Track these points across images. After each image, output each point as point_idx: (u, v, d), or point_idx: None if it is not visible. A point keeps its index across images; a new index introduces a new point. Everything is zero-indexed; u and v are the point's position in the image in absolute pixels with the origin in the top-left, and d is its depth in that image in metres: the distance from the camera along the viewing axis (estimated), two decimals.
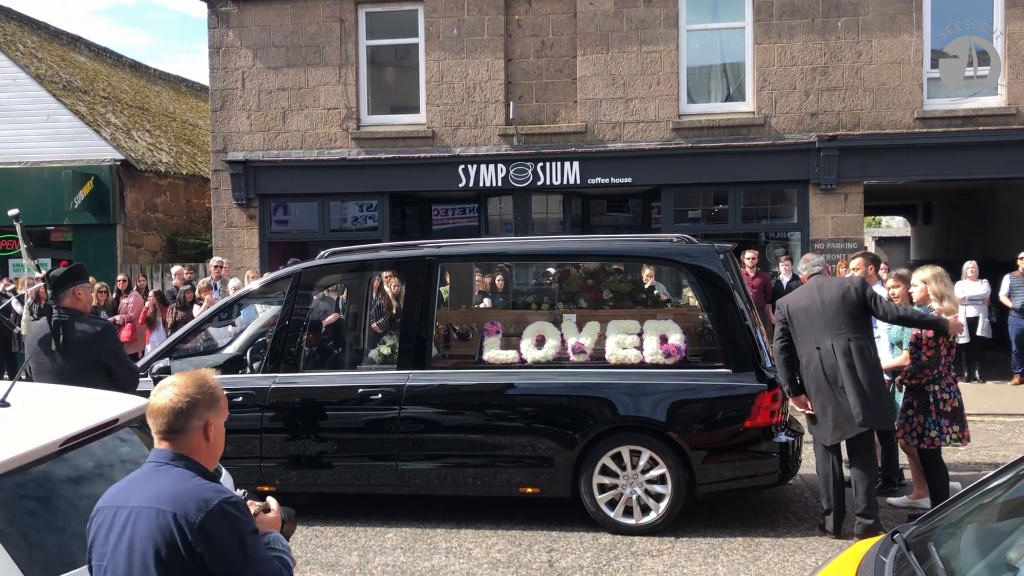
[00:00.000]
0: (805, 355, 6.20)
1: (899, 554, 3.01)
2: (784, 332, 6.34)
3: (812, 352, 6.15)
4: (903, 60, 13.21)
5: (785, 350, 6.34)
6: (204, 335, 8.73)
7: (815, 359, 6.13)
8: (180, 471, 2.45)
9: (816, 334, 6.15)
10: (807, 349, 6.19)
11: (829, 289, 6.25)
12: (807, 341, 6.19)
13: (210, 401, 2.54)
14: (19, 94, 16.38)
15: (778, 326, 6.36)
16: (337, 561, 6.01)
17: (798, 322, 6.27)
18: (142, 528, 2.35)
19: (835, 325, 6.11)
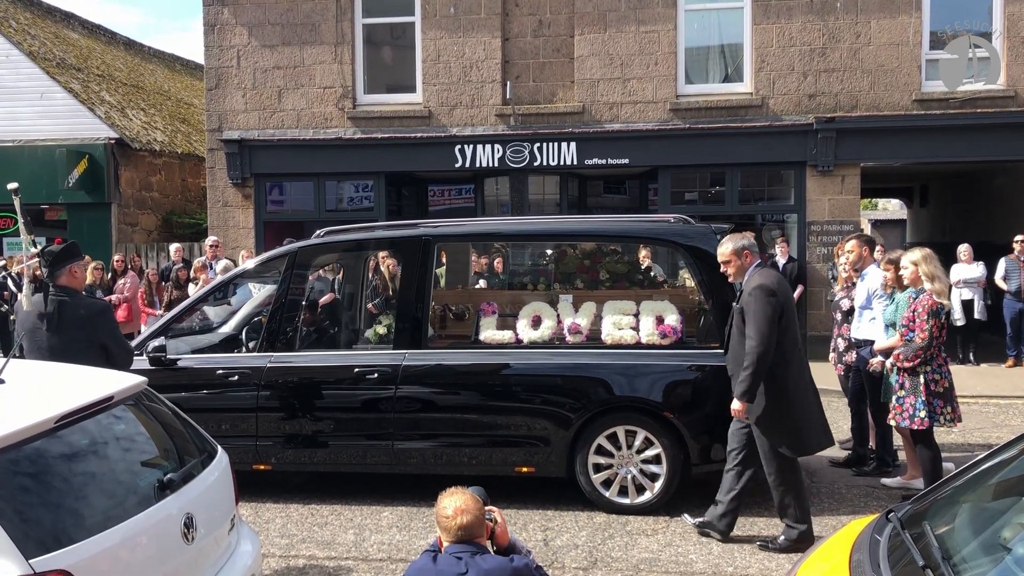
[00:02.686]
0: (788, 352, 5.53)
1: (894, 533, 3.02)
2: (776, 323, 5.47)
3: (795, 350, 5.61)
4: (902, 42, 13.16)
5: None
6: (199, 314, 8.71)
7: (797, 357, 5.64)
8: None
9: (795, 331, 5.70)
10: (790, 347, 5.56)
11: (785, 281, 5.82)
12: (791, 338, 5.57)
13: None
14: (12, 71, 16.27)
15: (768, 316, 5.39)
16: (333, 539, 6.03)
17: (789, 314, 5.56)
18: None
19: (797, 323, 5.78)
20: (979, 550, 2.79)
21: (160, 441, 3.81)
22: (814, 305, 13.49)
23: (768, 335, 5.37)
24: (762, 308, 5.39)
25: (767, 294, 5.42)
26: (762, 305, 5.39)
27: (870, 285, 7.34)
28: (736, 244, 5.67)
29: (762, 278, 5.52)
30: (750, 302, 5.42)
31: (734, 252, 5.65)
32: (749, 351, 5.38)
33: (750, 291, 5.45)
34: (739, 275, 5.70)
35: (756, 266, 5.66)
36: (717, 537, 5.80)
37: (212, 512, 3.71)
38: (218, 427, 6.49)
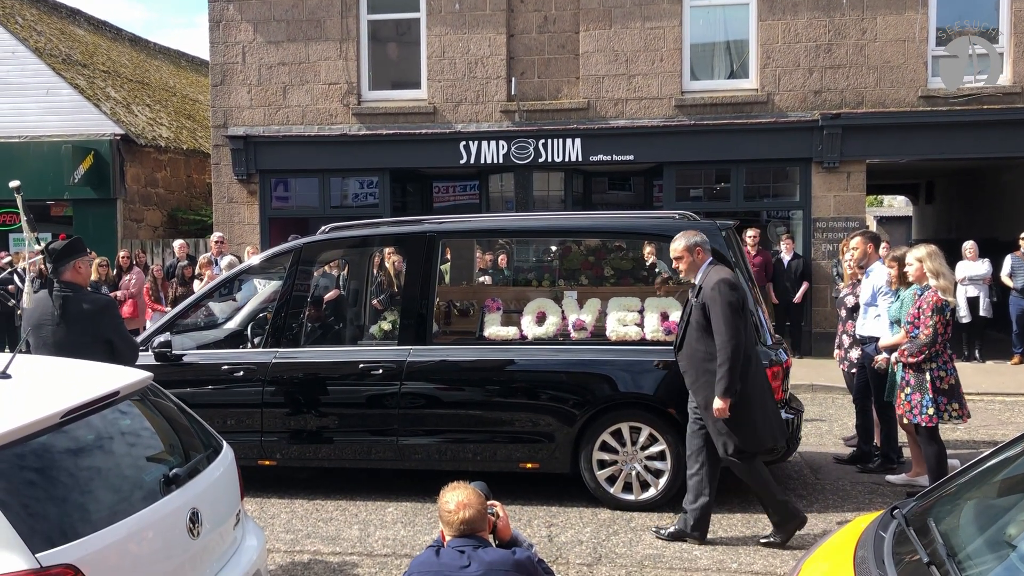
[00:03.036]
0: (747, 349, 5.51)
1: (898, 530, 3.02)
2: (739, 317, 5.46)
3: (753, 348, 5.64)
4: (908, 38, 13.12)
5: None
6: (205, 310, 8.72)
7: (756, 353, 5.66)
8: None
9: (752, 327, 5.73)
10: (750, 344, 5.58)
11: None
12: (749, 334, 5.60)
13: None
14: (18, 67, 16.29)
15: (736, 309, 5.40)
16: (338, 535, 6.04)
17: (747, 310, 5.62)
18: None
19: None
20: (984, 547, 2.78)
21: (165, 436, 3.81)
22: (819, 302, 13.47)
23: (738, 329, 5.37)
24: (729, 302, 5.37)
25: (731, 288, 5.41)
26: (728, 299, 5.38)
27: (875, 282, 7.32)
28: (689, 241, 5.64)
29: (721, 273, 5.52)
30: (715, 298, 5.39)
31: (686, 249, 5.63)
32: (722, 347, 5.34)
33: (713, 286, 5.42)
34: (690, 272, 5.67)
35: (710, 263, 5.63)
36: (695, 543, 5.75)
37: (217, 507, 3.71)
38: (223, 423, 6.50)
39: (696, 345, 5.54)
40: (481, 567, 3.27)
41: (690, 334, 5.60)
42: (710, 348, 5.46)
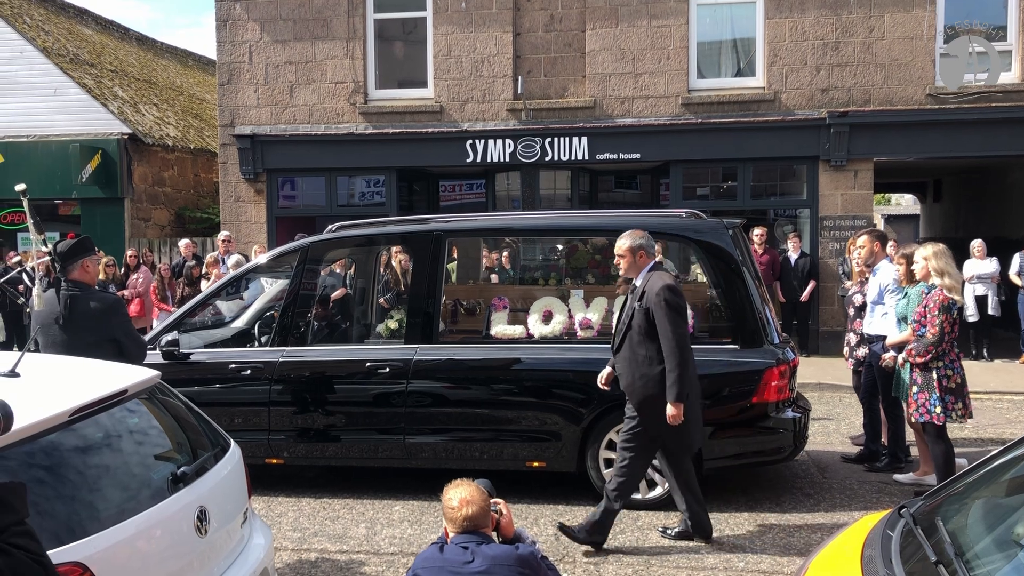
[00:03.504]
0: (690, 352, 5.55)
1: (906, 529, 3.01)
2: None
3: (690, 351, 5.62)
4: (915, 35, 13.08)
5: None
6: (212, 309, 8.74)
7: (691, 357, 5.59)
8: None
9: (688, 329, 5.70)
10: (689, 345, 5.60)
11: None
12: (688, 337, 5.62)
13: None
14: (26, 67, 16.35)
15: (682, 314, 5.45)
16: (345, 533, 6.05)
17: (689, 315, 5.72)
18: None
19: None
20: (992, 546, 2.78)
21: (173, 435, 3.82)
22: (826, 300, 13.44)
23: (684, 333, 5.39)
24: (674, 307, 5.37)
25: (674, 293, 5.40)
26: (673, 304, 5.37)
27: (881, 280, 7.31)
28: (634, 242, 5.62)
29: (665, 279, 5.48)
30: (660, 304, 5.36)
31: (629, 249, 5.61)
32: (671, 352, 5.34)
33: (658, 292, 5.39)
34: (630, 272, 5.65)
35: (653, 267, 5.60)
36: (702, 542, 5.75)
37: (225, 505, 3.73)
38: (231, 421, 6.52)
39: (636, 348, 5.51)
40: (485, 562, 3.28)
41: (630, 337, 5.55)
42: (649, 352, 5.43)
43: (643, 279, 5.56)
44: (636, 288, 5.58)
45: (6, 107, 16.12)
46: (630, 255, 5.61)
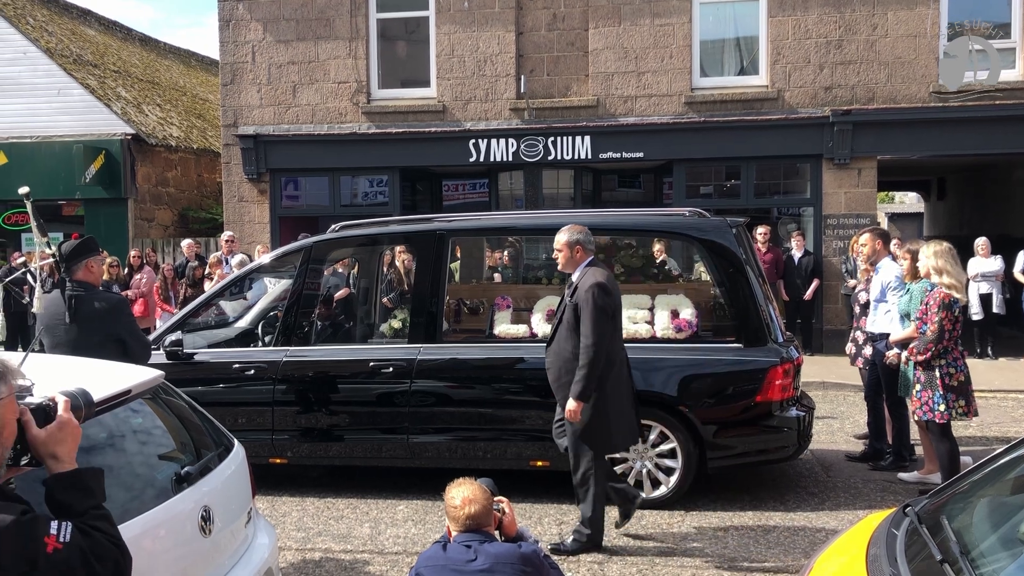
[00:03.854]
0: (613, 353, 5.47)
1: (911, 527, 3.00)
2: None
3: (619, 351, 5.58)
4: (919, 33, 13.05)
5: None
6: (216, 308, 8.75)
7: (621, 358, 5.59)
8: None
9: (621, 331, 5.71)
10: (616, 347, 5.53)
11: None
12: (618, 338, 5.58)
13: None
14: (30, 68, 16.37)
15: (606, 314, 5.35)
16: (349, 533, 6.05)
17: (619, 314, 5.58)
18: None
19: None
20: (998, 544, 2.77)
21: (177, 435, 3.83)
22: (830, 299, 13.42)
23: (604, 334, 5.31)
24: (600, 306, 5.31)
25: (604, 292, 5.33)
26: (600, 303, 5.31)
27: (884, 278, 7.30)
28: (571, 236, 5.57)
29: (597, 276, 5.43)
30: (587, 300, 5.33)
31: (567, 244, 5.56)
32: (585, 349, 5.30)
33: (587, 288, 5.36)
34: (567, 267, 5.60)
35: (589, 263, 5.56)
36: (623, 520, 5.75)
37: (229, 505, 3.73)
38: (234, 421, 6.50)
39: (564, 344, 5.48)
40: (487, 560, 3.29)
41: (560, 332, 5.53)
42: (576, 348, 5.39)
43: (578, 274, 5.53)
44: (571, 283, 5.56)
45: (10, 108, 16.14)
46: (567, 250, 5.56)
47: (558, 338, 5.55)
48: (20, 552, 1.82)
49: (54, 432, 2.04)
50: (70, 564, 1.88)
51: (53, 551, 1.85)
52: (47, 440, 2.03)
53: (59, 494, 2.02)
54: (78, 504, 2.01)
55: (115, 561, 1.99)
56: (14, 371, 1.98)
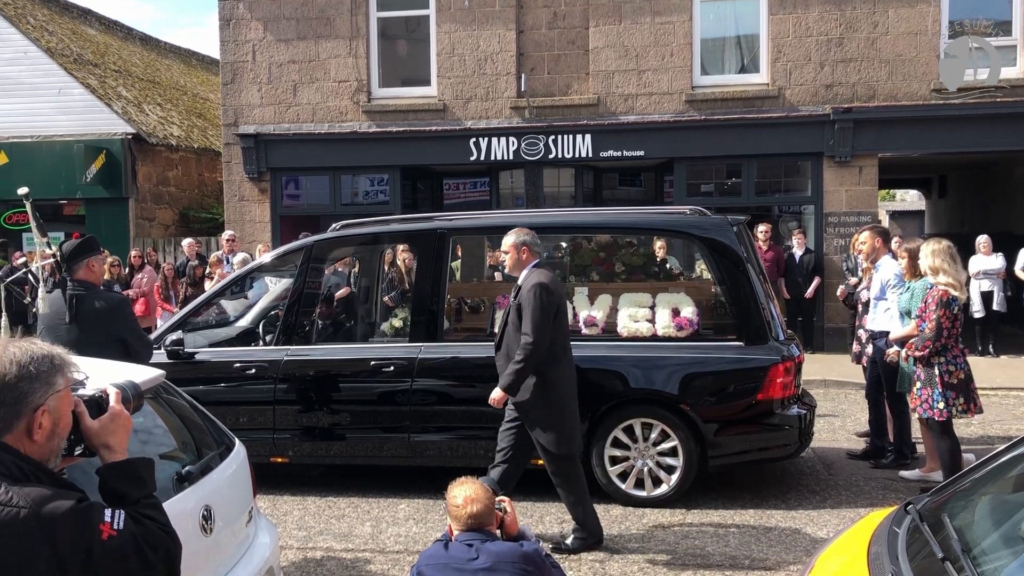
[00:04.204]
0: (558, 352, 5.51)
1: (912, 525, 3.00)
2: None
3: (564, 352, 5.60)
4: (920, 31, 13.03)
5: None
6: (216, 308, 8.75)
7: (568, 358, 5.62)
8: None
9: (567, 332, 5.71)
10: (561, 347, 5.56)
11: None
12: (562, 338, 5.59)
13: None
14: (30, 68, 16.36)
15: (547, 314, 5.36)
16: (350, 532, 6.05)
17: (562, 315, 5.57)
18: None
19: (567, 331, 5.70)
20: (999, 542, 2.77)
21: (178, 434, 3.83)
22: (831, 297, 13.38)
23: (544, 332, 5.33)
24: (540, 306, 5.33)
25: (546, 292, 5.36)
26: (540, 303, 5.33)
27: (883, 276, 7.30)
28: (517, 238, 5.61)
29: (541, 277, 5.46)
30: (529, 299, 5.36)
31: (513, 245, 5.60)
32: (523, 346, 5.33)
33: (529, 288, 5.39)
34: (514, 269, 5.64)
35: (534, 265, 5.59)
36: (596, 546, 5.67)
37: (230, 504, 3.73)
38: (236, 420, 6.51)
39: (511, 344, 5.50)
40: (489, 559, 3.29)
41: (508, 334, 5.56)
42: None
43: (524, 275, 5.56)
44: (517, 285, 5.59)
45: (10, 108, 16.14)
46: (514, 251, 5.60)
47: (506, 340, 5.58)
48: (77, 538, 1.86)
49: (107, 423, 2.10)
50: (124, 551, 1.92)
51: (108, 538, 1.90)
52: (100, 431, 2.09)
53: (112, 483, 2.08)
54: (131, 493, 2.07)
55: (166, 548, 2.04)
56: (69, 364, 2.05)
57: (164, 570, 2.03)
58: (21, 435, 1.94)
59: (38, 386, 1.95)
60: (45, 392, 1.96)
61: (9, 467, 1.89)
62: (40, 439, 1.96)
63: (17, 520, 1.80)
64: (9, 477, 1.87)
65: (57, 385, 1.98)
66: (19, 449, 1.93)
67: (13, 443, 1.93)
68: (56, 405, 1.98)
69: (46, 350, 2.01)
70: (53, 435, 1.99)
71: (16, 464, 1.91)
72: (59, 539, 1.83)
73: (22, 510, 1.81)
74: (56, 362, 2.00)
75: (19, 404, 1.93)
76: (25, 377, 1.93)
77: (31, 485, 1.88)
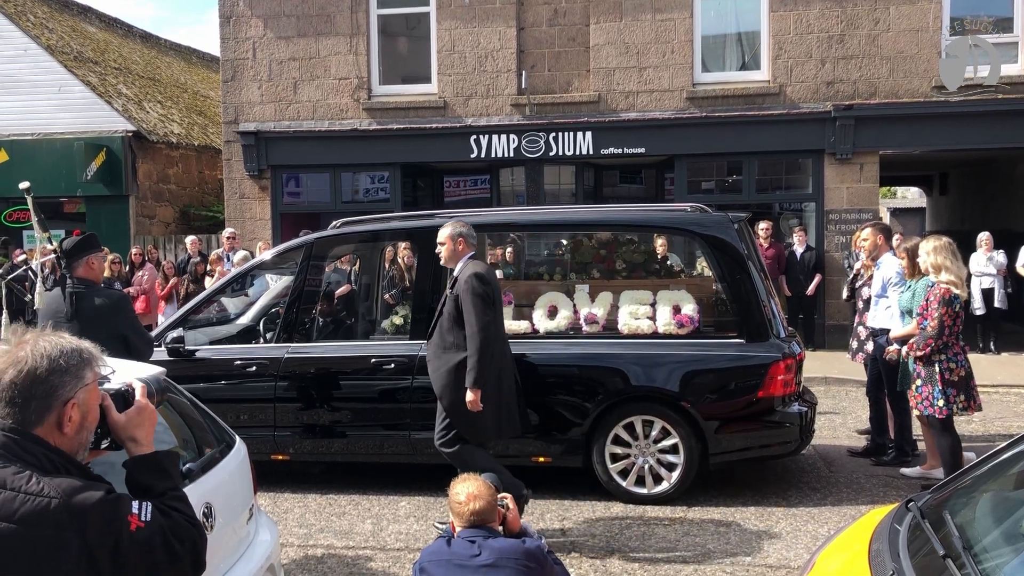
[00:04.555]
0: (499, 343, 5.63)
1: (913, 522, 3.00)
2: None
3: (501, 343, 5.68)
4: (921, 28, 13.02)
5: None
6: (217, 305, 8.75)
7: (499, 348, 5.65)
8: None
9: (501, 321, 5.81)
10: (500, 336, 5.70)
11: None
12: (500, 327, 5.73)
13: None
14: (31, 65, 16.36)
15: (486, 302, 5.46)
16: (351, 529, 6.05)
17: (497, 305, 5.67)
18: None
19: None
20: (1000, 539, 2.76)
21: (179, 431, 3.82)
22: (832, 294, 13.39)
23: (488, 321, 5.43)
24: (479, 294, 5.42)
25: (483, 283, 5.45)
26: (479, 291, 5.42)
27: (884, 273, 7.29)
28: (453, 230, 5.70)
29: (476, 267, 5.57)
30: (466, 290, 5.44)
31: (449, 237, 5.69)
32: (471, 337, 5.41)
33: (465, 279, 5.47)
34: (450, 260, 5.72)
35: (469, 257, 5.69)
36: None
37: (231, 502, 3.72)
38: (236, 417, 6.51)
39: (445, 335, 5.59)
40: (492, 555, 3.29)
41: (441, 324, 5.66)
42: (456, 339, 5.52)
43: (460, 267, 5.64)
44: (453, 277, 5.67)
45: (10, 105, 16.13)
46: (450, 243, 5.67)
47: (439, 330, 5.67)
48: (106, 529, 1.89)
49: (133, 416, 2.13)
50: (151, 543, 1.95)
51: (136, 529, 1.93)
52: (127, 424, 2.12)
53: (139, 475, 2.11)
54: (157, 485, 2.10)
55: (193, 540, 2.06)
56: (97, 358, 2.07)
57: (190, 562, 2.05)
58: (51, 428, 1.97)
59: (68, 379, 1.98)
60: (75, 386, 1.99)
61: (40, 459, 1.92)
62: (70, 432, 1.99)
63: (48, 510, 1.83)
64: (39, 469, 1.90)
65: (86, 379, 2.01)
66: (49, 441, 1.97)
67: (44, 435, 1.96)
68: (85, 399, 2.01)
69: (75, 344, 2.04)
70: (82, 428, 2.03)
71: (46, 456, 1.94)
72: (89, 529, 1.86)
73: (53, 500, 1.84)
74: (85, 356, 2.03)
75: (49, 397, 1.96)
76: (55, 371, 1.96)
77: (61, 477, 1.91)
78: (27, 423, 1.95)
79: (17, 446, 1.91)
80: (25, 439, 1.93)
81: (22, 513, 1.82)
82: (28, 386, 1.94)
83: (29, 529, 1.82)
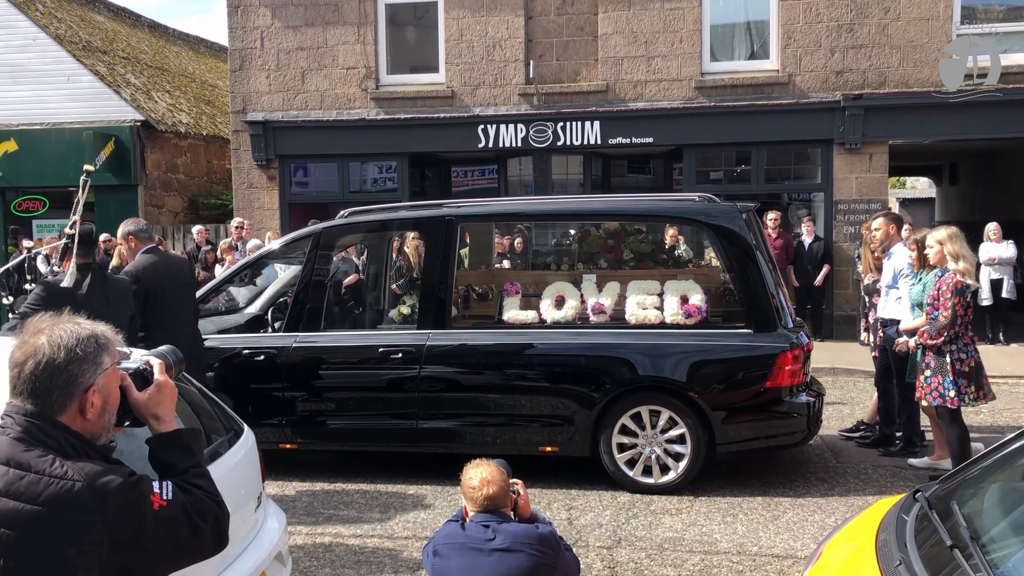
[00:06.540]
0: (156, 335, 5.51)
1: (921, 513, 2.99)
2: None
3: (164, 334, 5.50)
4: (931, 16, 12.92)
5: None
6: (226, 295, 8.77)
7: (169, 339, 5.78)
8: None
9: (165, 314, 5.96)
10: (160, 327, 5.81)
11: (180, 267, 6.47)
12: (161, 315, 5.92)
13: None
14: (39, 55, 16.37)
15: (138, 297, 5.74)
16: (359, 518, 6.08)
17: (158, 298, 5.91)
18: None
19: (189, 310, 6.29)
20: (1008, 530, 2.76)
21: (187, 420, 3.84)
22: (840, 285, 13.36)
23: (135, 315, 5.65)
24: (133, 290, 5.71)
25: (133, 279, 5.78)
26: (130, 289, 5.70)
27: (896, 264, 7.26)
28: (123, 229, 6.12)
29: (141, 262, 5.94)
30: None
31: (122, 236, 6.13)
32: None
33: (123, 274, 5.93)
34: (131, 258, 6.08)
35: (144, 251, 6.02)
36: None
37: (239, 490, 3.74)
38: (244, 406, 6.53)
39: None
40: (506, 539, 3.32)
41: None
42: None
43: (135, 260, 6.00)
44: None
45: (19, 95, 16.16)
46: (124, 241, 6.15)
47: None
48: (129, 509, 1.92)
49: (154, 394, 2.16)
50: (175, 521, 1.99)
51: (159, 508, 1.96)
52: (148, 402, 2.15)
53: (161, 453, 2.14)
54: (180, 462, 2.13)
55: (215, 516, 2.09)
56: (113, 341, 2.09)
57: (213, 537, 2.09)
58: (74, 415, 2.00)
59: (87, 367, 2.00)
60: (94, 372, 2.01)
61: (62, 444, 1.95)
62: (92, 417, 2.02)
63: (72, 493, 1.86)
64: (61, 454, 1.93)
65: (104, 364, 2.03)
66: (72, 427, 1.99)
67: (67, 422, 1.99)
68: (105, 383, 2.04)
69: (90, 329, 2.05)
70: (104, 412, 2.05)
71: (68, 441, 1.97)
72: (111, 511, 1.89)
73: (76, 483, 1.87)
74: (101, 341, 2.05)
75: (70, 386, 1.98)
76: (74, 360, 1.98)
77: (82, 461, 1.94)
78: (50, 411, 1.97)
79: (39, 431, 1.94)
80: (47, 424, 1.96)
81: (46, 496, 1.85)
82: (48, 377, 1.96)
83: (54, 511, 1.84)
